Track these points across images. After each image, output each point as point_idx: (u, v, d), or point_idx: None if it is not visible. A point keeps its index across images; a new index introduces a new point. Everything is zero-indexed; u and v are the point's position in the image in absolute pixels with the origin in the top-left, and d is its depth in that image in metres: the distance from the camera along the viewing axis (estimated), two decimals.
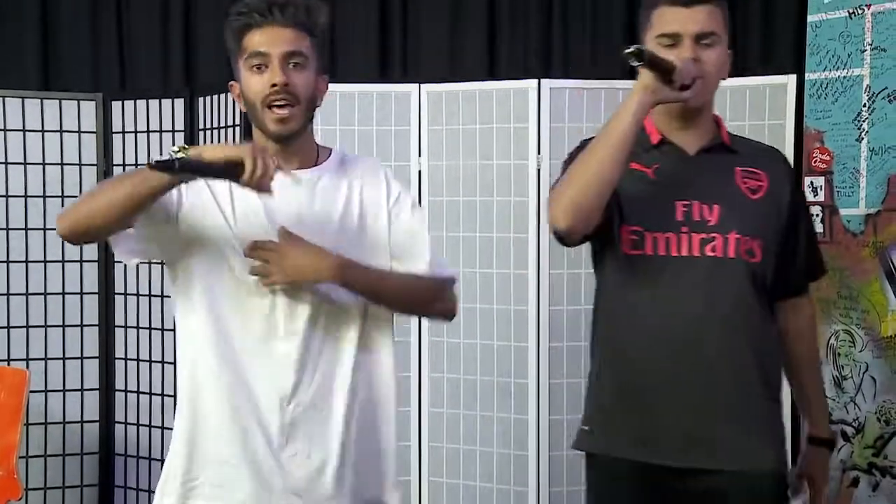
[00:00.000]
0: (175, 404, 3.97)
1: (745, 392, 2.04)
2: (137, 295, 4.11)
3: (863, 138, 3.03)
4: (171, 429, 4.16)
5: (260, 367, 1.91)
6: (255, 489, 1.92)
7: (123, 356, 4.13)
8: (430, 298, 2.04)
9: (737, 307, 2.02)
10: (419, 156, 3.71)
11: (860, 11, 3.03)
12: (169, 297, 4.06)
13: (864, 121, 3.03)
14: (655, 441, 2.03)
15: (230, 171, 1.73)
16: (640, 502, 2.06)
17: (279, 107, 1.88)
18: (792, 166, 2.23)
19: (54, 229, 4.29)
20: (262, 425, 1.92)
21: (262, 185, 1.75)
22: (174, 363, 4.01)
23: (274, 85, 1.86)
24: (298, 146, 1.97)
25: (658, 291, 2.02)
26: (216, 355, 1.92)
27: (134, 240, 1.88)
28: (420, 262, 2.01)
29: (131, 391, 4.14)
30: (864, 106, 3.03)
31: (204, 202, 1.91)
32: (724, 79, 2.08)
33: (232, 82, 1.99)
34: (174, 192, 1.84)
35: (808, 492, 2.24)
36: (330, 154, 2.05)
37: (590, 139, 2.04)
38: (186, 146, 1.71)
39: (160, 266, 4.09)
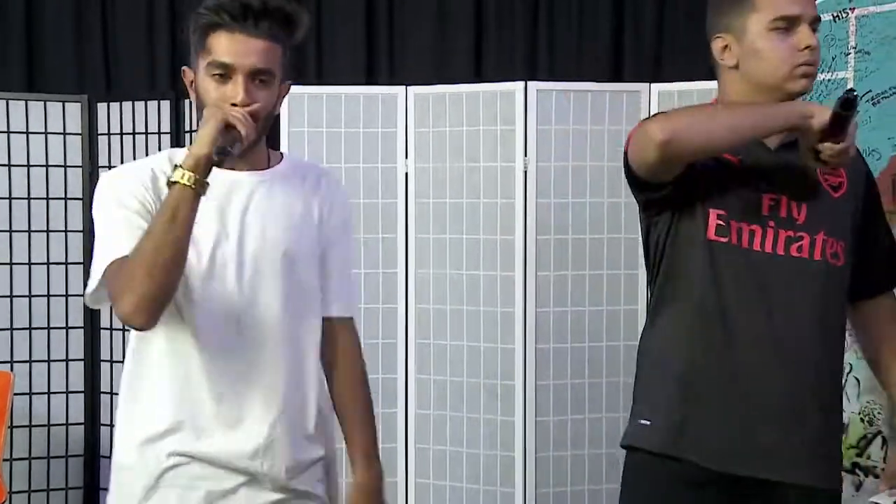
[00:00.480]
0: None
1: (830, 406, 1.97)
2: None
3: None
4: None
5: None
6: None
7: (109, 358, 4.12)
8: (368, 391, 2.01)
9: (826, 312, 1.94)
10: (406, 158, 3.71)
11: (844, 15, 3.02)
12: None
13: None
14: (741, 450, 1.91)
15: (235, 139, 1.70)
16: None
17: None
18: (864, 160, 2.09)
19: (40, 231, 4.29)
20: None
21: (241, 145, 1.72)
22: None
23: (234, 104, 1.74)
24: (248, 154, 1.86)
25: (742, 288, 1.92)
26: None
27: None
28: (345, 298, 1.97)
29: (116, 393, 4.12)
30: None
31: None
32: None
33: (185, 68, 1.86)
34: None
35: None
36: (281, 159, 1.95)
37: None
38: (179, 165, 1.67)
39: None
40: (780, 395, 1.90)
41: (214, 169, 1.69)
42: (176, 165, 1.67)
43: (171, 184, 1.66)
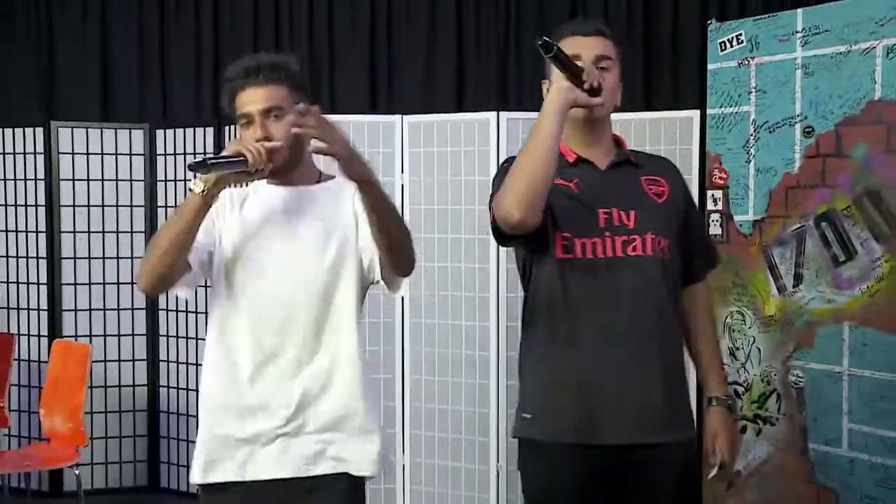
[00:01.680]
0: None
1: (669, 372, 1.91)
2: None
3: (751, 160, 3.06)
4: None
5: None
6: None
7: (165, 333, 4.18)
8: (408, 236, 1.83)
9: (658, 298, 1.89)
10: (402, 173, 3.71)
11: (747, 62, 3.06)
12: (202, 286, 4.17)
13: (751, 147, 3.07)
14: (598, 424, 1.86)
15: (241, 161, 1.74)
16: (583, 482, 1.89)
17: None
18: (679, 171, 2.08)
19: (112, 232, 4.36)
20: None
21: (260, 167, 1.76)
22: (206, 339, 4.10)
23: (257, 140, 1.80)
24: (294, 172, 1.89)
25: (590, 291, 1.87)
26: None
27: (191, 276, 1.87)
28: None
29: (172, 361, 4.18)
30: (751, 135, 3.06)
31: (226, 218, 1.91)
32: (617, 104, 1.94)
33: (236, 127, 1.95)
34: (211, 224, 1.85)
35: (717, 453, 2.01)
36: (320, 175, 1.96)
37: (513, 158, 1.86)
38: (199, 176, 1.75)
39: None
40: (623, 374, 1.87)
41: (270, 185, 1.82)
42: (195, 176, 1.74)
43: (188, 190, 1.77)
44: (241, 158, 1.74)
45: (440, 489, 3.74)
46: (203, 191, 1.74)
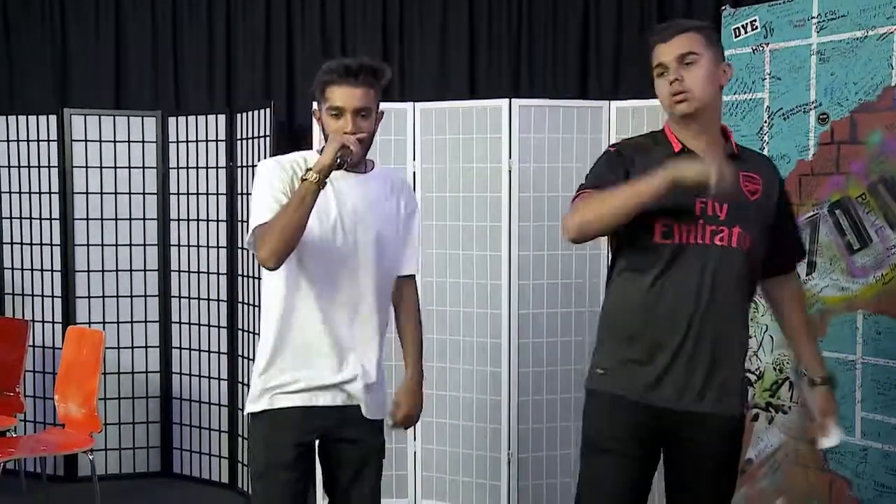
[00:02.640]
0: (218, 359, 4.05)
1: (728, 353, 2.07)
2: (189, 272, 4.17)
3: (764, 147, 3.02)
4: (216, 378, 4.32)
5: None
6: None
7: (178, 320, 4.20)
8: (420, 318, 2.37)
9: (733, 287, 2.04)
10: (413, 160, 3.72)
11: (761, 48, 3.04)
12: (214, 273, 4.17)
13: (765, 134, 3.04)
14: (658, 388, 2.05)
15: (349, 152, 2.03)
16: (639, 435, 2.08)
17: None
18: (776, 169, 2.20)
19: (124, 219, 4.37)
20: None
21: (356, 159, 2.09)
22: (218, 326, 4.12)
23: (346, 133, 2.06)
24: (358, 163, 2.19)
25: (676, 271, 2.03)
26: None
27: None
28: (413, 262, 2.31)
29: (184, 348, 4.21)
30: (765, 122, 3.04)
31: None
32: (722, 86, 2.07)
33: (315, 109, 2.19)
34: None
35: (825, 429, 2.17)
36: (374, 165, 2.25)
37: (616, 147, 2.12)
38: (310, 168, 2.01)
39: (206, 249, 4.21)
40: (686, 348, 2.04)
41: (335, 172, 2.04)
42: (308, 168, 2.01)
43: (302, 180, 2.00)
44: (348, 151, 2.03)
45: (452, 476, 3.76)
46: (317, 180, 1.99)
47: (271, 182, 2.09)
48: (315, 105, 2.20)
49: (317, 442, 2.19)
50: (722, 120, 2.17)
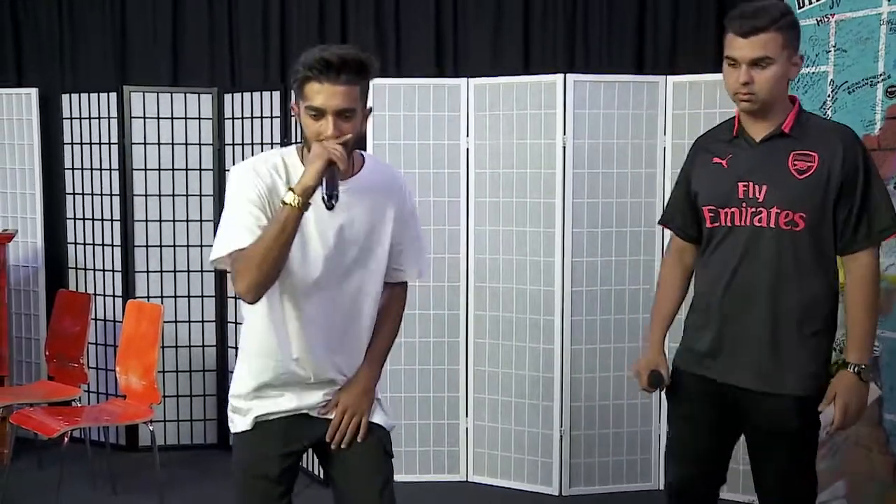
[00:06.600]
0: None
1: (787, 333, 2.08)
2: None
3: None
4: None
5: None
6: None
7: (233, 295, 4.22)
8: (399, 323, 2.13)
9: (776, 266, 2.06)
10: (467, 136, 3.71)
11: (826, 20, 2.97)
12: None
13: (828, 108, 2.97)
14: (720, 366, 2.16)
15: (334, 167, 1.82)
16: (706, 407, 2.21)
17: None
18: (847, 143, 2.06)
19: (181, 195, 4.41)
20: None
21: (344, 168, 1.84)
22: None
23: (327, 138, 1.83)
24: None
25: (723, 254, 2.13)
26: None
27: None
28: (416, 265, 2.09)
29: (239, 323, 4.26)
30: (829, 96, 2.97)
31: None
32: (791, 78, 2.07)
33: (293, 104, 1.93)
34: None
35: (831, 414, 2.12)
36: (363, 163, 2.00)
37: (705, 137, 2.25)
38: (291, 189, 1.79)
39: None
40: (739, 328, 2.14)
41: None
42: (290, 189, 1.79)
43: (283, 203, 1.79)
44: (335, 168, 1.82)
45: (503, 452, 3.77)
46: (300, 204, 1.79)
47: (247, 194, 1.87)
48: (293, 99, 1.92)
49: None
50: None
